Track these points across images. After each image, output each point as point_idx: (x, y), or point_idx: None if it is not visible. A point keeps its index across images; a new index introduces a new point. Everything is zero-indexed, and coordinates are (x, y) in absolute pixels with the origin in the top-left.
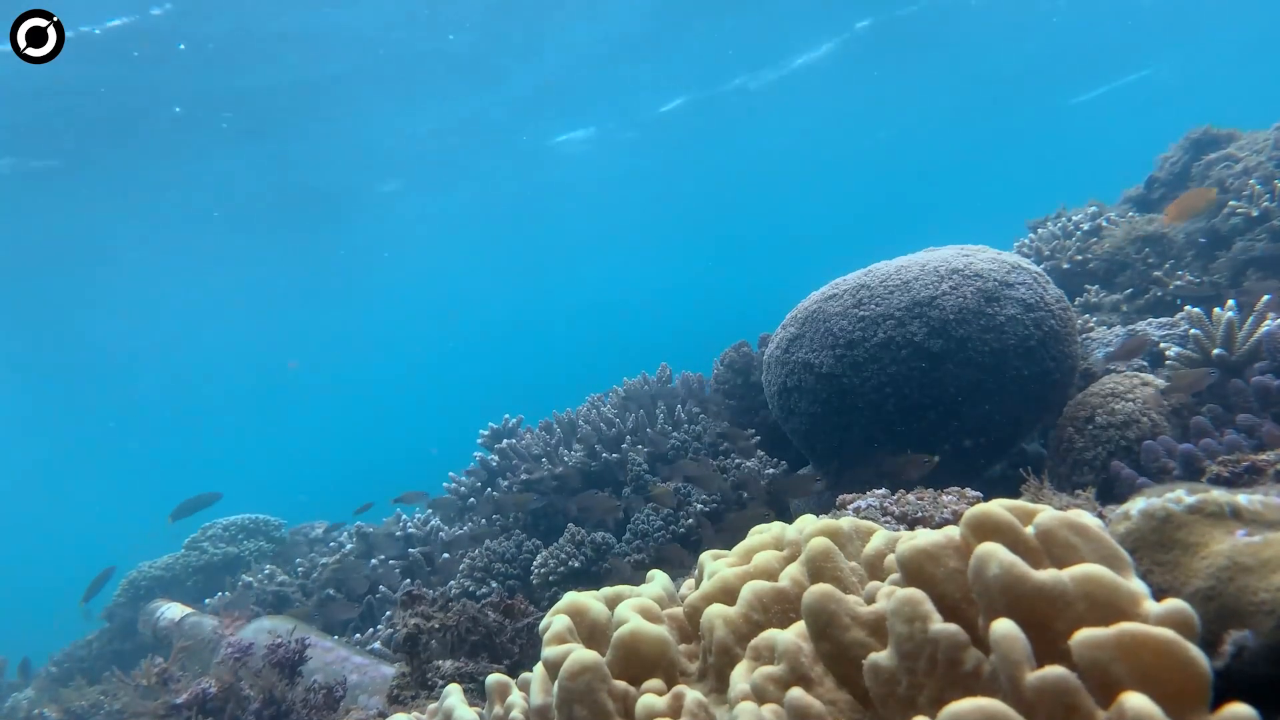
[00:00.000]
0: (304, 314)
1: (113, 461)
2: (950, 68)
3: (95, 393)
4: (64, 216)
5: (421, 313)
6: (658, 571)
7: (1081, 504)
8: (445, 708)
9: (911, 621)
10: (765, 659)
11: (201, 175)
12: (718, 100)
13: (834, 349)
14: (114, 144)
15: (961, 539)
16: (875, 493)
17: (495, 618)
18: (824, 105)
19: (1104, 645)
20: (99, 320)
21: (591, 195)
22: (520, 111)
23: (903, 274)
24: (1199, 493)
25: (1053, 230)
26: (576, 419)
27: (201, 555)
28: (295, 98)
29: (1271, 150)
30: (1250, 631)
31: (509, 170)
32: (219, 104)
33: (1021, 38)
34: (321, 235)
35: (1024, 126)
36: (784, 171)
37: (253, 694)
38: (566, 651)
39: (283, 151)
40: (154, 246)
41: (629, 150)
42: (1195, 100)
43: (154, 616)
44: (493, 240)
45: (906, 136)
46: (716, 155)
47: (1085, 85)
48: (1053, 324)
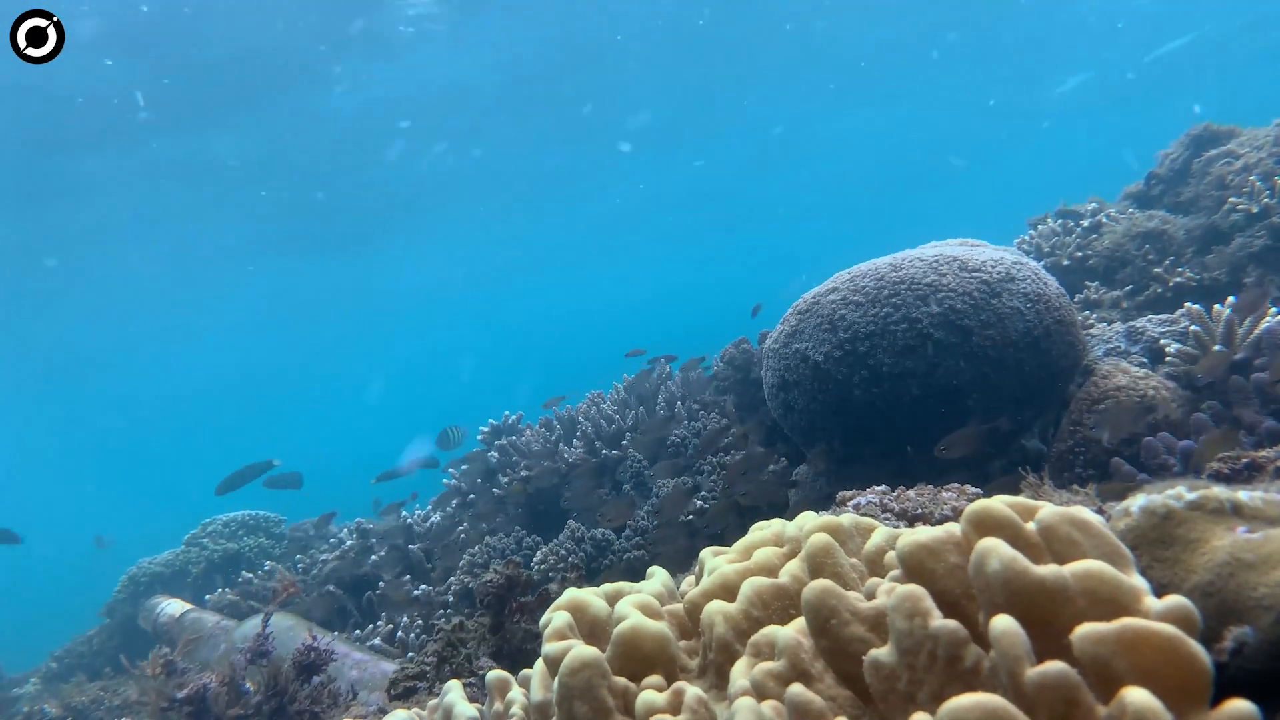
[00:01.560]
0: (304, 314)
1: (111, 459)
2: (950, 67)
3: (94, 389)
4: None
5: (420, 313)
6: (658, 568)
7: (1082, 500)
8: (445, 704)
9: (911, 617)
10: (765, 655)
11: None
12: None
13: (832, 343)
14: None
15: (962, 535)
16: (875, 489)
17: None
18: (823, 105)
19: (1106, 640)
20: (98, 315)
21: (592, 194)
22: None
23: (903, 267)
24: (1199, 489)
25: (1053, 227)
26: (577, 416)
27: (202, 552)
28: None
29: (1272, 147)
30: (1250, 627)
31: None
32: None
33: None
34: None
35: (1023, 124)
36: (783, 171)
37: (253, 688)
38: (567, 648)
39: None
40: (157, 245)
41: (629, 149)
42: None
43: (154, 612)
44: (491, 239)
45: (907, 134)
46: (717, 155)
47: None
48: (1056, 317)
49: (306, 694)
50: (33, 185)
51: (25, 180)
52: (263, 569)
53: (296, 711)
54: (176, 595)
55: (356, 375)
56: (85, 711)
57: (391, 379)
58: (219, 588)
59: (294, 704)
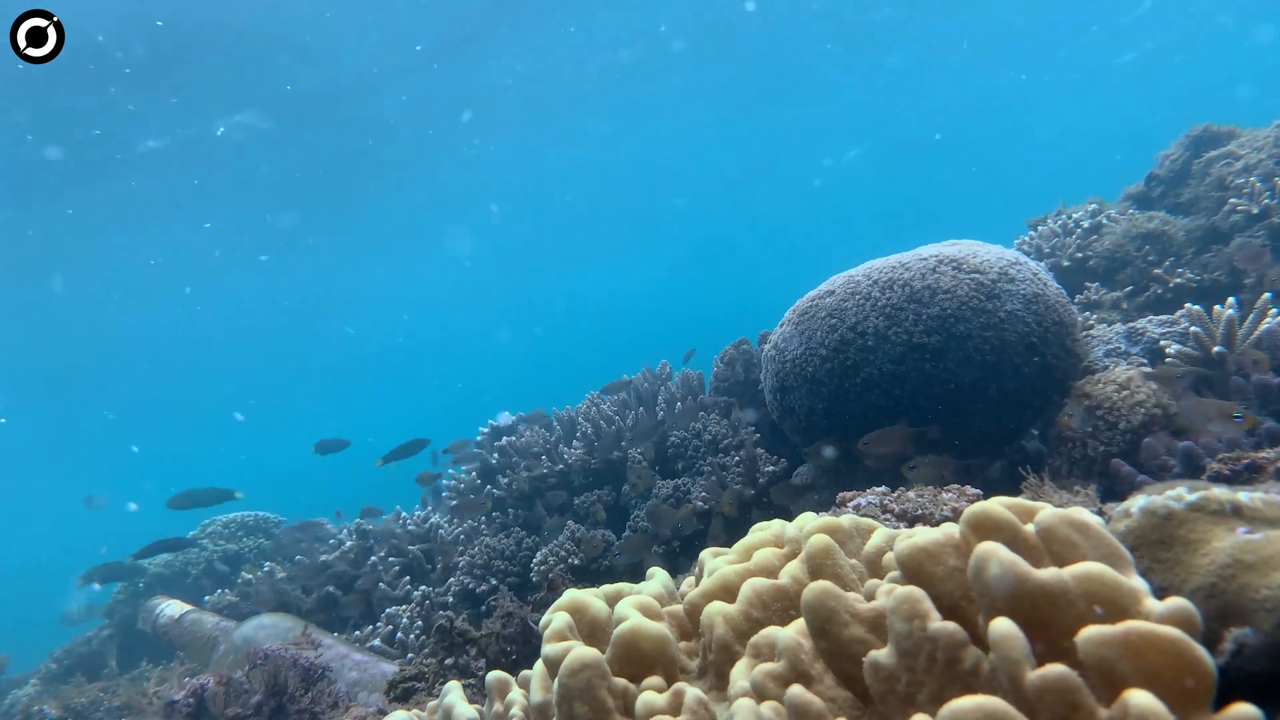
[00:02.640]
0: (305, 314)
1: (111, 456)
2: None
3: (92, 385)
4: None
5: (421, 310)
6: (658, 569)
7: (1082, 500)
8: (445, 705)
9: (910, 619)
10: (765, 656)
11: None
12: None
13: (830, 345)
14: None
15: (961, 537)
16: (875, 490)
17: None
18: (823, 101)
19: (1110, 643)
20: (97, 310)
21: (591, 193)
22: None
23: (900, 269)
24: (1200, 490)
25: (1053, 228)
26: (576, 416)
27: (201, 553)
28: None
29: (1272, 148)
30: (1251, 629)
31: (508, 167)
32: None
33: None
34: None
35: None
36: (783, 169)
37: (252, 687)
38: (566, 649)
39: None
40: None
41: (628, 148)
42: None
43: (154, 614)
44: (491, 240)
45: (909, 135)
46: (715, 154)
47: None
48: (1054, 319)
49: (306, 695)
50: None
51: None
52: (263, 569)
53: (296, 712)
54: (176, 596)
55: (355, 374)
56: (85, 712)
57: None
58: (219, 588)
59: (294, 705)
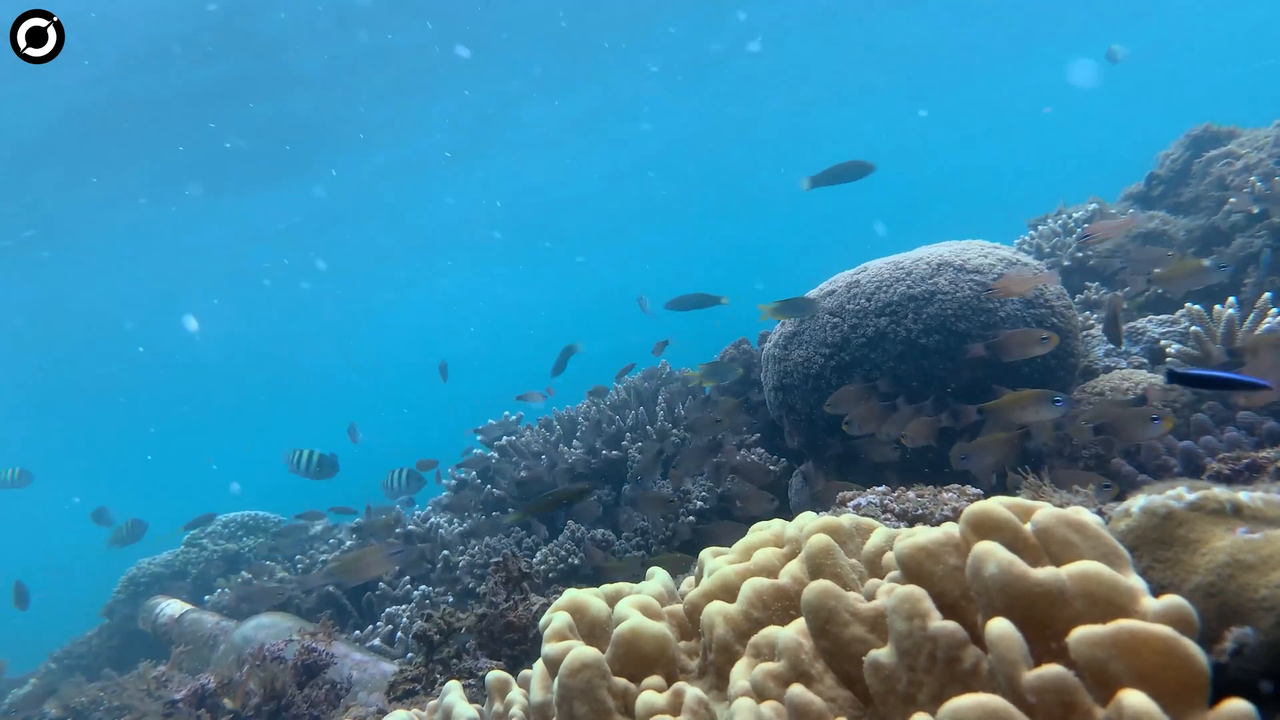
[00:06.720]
0: (305, 313)
1: (110, 455)
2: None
3: (92, 384)
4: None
5: (420, 311)
6: (658, 569)
7: (1081, 500)
8: (445, 704)
9: (910, 619)
10: (765, 656)
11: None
12: (712, 92)
13: (829, 345)
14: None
15: (961, 536)
16: (875, 490)
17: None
18: (824, 101)
19: (1101, 643)
20: (97, 309)
21: (592, 191)
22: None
23: (899, 270)
24: (1200, 490)
25: (1053, 227)
26: (576, 416)
27: (201, 552)
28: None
29: (1272, 147)
30: (1251, 628)
31: (506, 163)
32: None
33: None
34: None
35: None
36: (782, 168)
37: (254, 688)
38: (566, 648)
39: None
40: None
41: (628, 148)
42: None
43: (153, 613)
44: (490, 238)
45: (906, 133)
46: (715, 154)
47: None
48: (1054, 320)
49: (305, 696)
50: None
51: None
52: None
53: (296, 714)
54: (176, 596)
55: (356, 373)
56: (84, 712)
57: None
58: (218, 588)
59: (293, 705)
